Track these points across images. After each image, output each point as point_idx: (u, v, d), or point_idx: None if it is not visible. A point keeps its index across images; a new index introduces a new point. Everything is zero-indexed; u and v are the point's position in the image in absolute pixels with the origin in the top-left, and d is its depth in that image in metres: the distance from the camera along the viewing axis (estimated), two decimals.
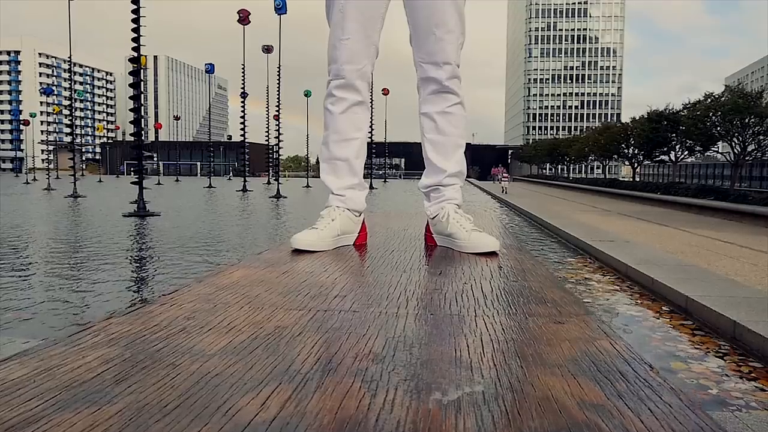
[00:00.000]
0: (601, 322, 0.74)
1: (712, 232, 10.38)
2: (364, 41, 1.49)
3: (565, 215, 12.20)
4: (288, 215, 13.39)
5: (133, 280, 5.24)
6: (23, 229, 9.44)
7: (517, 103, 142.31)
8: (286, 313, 0.73)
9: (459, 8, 1.49)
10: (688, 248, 8.01)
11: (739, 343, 3.42)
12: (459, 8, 1.49)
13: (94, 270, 5.64)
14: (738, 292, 4.31)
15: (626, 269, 5.51)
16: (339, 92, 1.50)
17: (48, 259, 6.45)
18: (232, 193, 24.08)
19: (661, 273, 5.04)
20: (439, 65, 1.49)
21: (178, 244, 7.52)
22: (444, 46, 1.48)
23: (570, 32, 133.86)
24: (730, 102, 16.38)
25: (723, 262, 6.77)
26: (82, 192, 19.80)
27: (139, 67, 11.49)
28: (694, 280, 4.72)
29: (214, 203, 17.31)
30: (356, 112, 1.52)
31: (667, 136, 21.30)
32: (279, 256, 1.23)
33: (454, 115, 1.53)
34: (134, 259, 6.49)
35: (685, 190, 16.56)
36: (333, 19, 1.50)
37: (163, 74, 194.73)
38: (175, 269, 5.61)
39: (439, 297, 0.84)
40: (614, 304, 4.60)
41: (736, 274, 5.95)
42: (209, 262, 5.92)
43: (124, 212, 11.82)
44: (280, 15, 19.07)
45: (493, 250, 1.31)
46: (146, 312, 0.73)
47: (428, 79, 1.52)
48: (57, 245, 7.60)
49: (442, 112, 1.52)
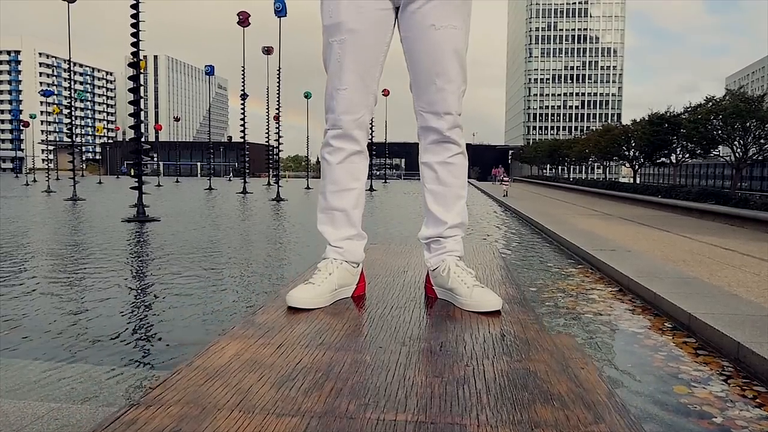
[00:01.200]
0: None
1: (713, 238, 10.34)
2: (362, 91, 1.45)
3: (565, 220, 12.15)
4: (288, 220, 13.35)
5: (126, 303, 5.20)
6: (20, 237, 9.41)
7: (518, 103, 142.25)
8: (279, 422, 0.69)
9: (461, 57, 1.45)
10: (689, 256, 7.98)
11: (743, 364, 3.38)
12: (461, 57, 1.45)
13: (89, 290, 5.61)
14: (742, 308, 4.26)
15: (628, 282, 5.47)
16: (336, 142, 1.46)
17: (42, 272, 6.41)
18: (232, 195, 24.04)
19: (663, 287, 5.00)
20: (440, 115, 1.45)
21: (176, 254, 7.49)
22: (445, 96, 1.44)
23: (570, 32, 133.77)
24: (731, 106, 16.34)
25: (725, 271, 6.74)
26: (81, 195, 19.77)
27: (138, 73, 11.44)
28: (696, 295, 4.68)
29: (213, 207, 17.27)
30: (354, 162, 1.48)
31: (667, 139, 21.25)
32: (274, 318, 1.18)
33: (456, 165, 1.49)
34: (130, 274, 6.46)
35: (686, 194, 16.52)
36: (330, 68, 1.46)
37: (164, 74, 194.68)
38: (172, 289, 5.58)
39: (440, 389, 0.80)
40: (616, 320, 4.56)
41: (739, 285, 5.91)
42: (210, 288, 5.90)
43: (123, 217, 11.79)
44: (280, 18, 19.02)
45: (495, 309, 1.27)
46: (129, 421, 0.69)
47: (429, 129, 1.48)
48: (52, 258, 7.57)
49: (443, 163, 1.48)
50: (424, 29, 1.42)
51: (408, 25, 1.45)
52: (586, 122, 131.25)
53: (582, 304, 4.98)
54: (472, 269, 1.40)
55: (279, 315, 1.21)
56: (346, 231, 1.46)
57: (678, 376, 3.29)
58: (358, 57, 1.43)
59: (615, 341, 4.10)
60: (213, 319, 4.29)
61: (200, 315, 4.43)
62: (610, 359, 3.65)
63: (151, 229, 10.26)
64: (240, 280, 5.82)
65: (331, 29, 1.44)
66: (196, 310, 4.55)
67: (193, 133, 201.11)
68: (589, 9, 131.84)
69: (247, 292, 5.29)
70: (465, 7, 1.45)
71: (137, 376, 3.11)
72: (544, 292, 5.48)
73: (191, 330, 4.04)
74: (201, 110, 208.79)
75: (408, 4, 1.43)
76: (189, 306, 4.66)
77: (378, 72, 1.48)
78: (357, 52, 1.43)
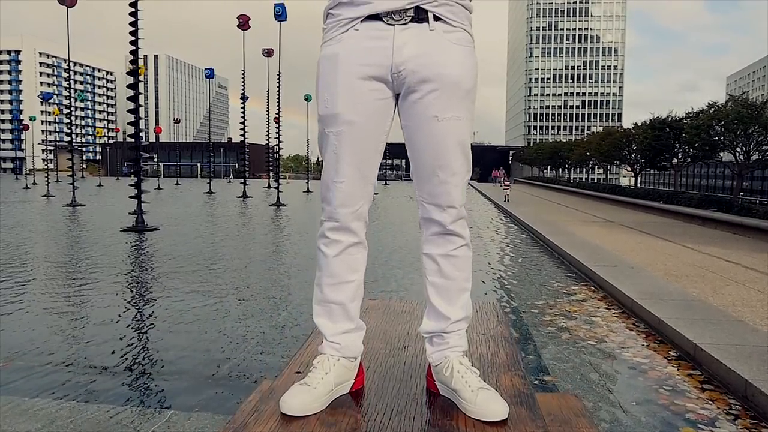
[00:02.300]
0: None
1: (715, 249, 10.28)
2: (361, 182, 1.38)
3: (566, 230, 12.08)
4: (289, 228, 13.30)
5: (112, 337, 5.14)
6: (16, 248, 9.36)
7: (518, 103, 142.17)
8: None
9: (465, 148, 1.37)
10: (692, 270, 7.92)
11: (750, 403, 3.31)
12: (465, 148, 1.37)
13: (82, 318, 5.55)
14: (748, 338, 4.19)
15: (632, 304, 5.40)
16: (333, 235, 1.39)
17: (36, 289, 6.36)
18: (232, 200, 23.97)
19: (667, 310, 4.93)
20: (443, 208, 1.38)
21: (173, 273, 7.43)
22: (448, 189, 1.36)
23: (571, 32, 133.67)
24: (733, 112, 16.27)
25: (729, 288, 6.68)
26: (81, 200, 19.72)
27: (137, 81, 11.37)
28: (701, 322, 4.61)
29: (213, 216, 17.22)
30: (352, 254, 1.41)
31: (669, 144, 21.18)
32: (267, 430, 1.11)
33: (459, 258, 1.41)
34: (123, 299, 6.41)
35: (688, 200, 16.44)
36: (326, 158, 1.38)
37: (164, 73, 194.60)
38: (168, 320, 5.53)
39: None
40: (620, 348, 4.48)
41: (743, 304, 5.85)
42: (208, 320, 5.83)
43: (122, 226, 11.72)
44: (280, 22, 18.95)
45: (501, 419, 1.19)
46: None
47: (431, 221, 1.40)
48: (47, 272, 7.52)
49: (446, 255, 1.40)
50: (425, 120, 1.35)
51: (409, 114, 1.37)
52: (586, 122, 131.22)
53: (584, 329, 4.91)
54: (476, 368, 1.33)
55: (272, 426, 1.13)
56: (344, 325, 1.39)
57: (684, 416, 3.22)
58: (355, 149, 1.35)
59: (619, 372, 4.02)
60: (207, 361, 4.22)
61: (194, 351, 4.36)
62: (613, 394, 3.58)
63: (149, 240, 10.19)
64: (242, 310, 5.75)
65: (326, 119, 1.37)
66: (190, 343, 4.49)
67: (193, 132, 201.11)
68: (590, 8, 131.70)
69: (249, 325, 5.22)
70: (469, 97, 1.37)
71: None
72: (546, 314, 5.40)
73: (185, 379, 3.97)
74: (201, 110, 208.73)
75: (409, 94, 1.35)
76: (185, 336, 4.60)
77: (377, 160, 1.41)
78: (355, 144, 1.35)
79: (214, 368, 3.80)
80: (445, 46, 1.33)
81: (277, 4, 18.64)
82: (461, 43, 1.36)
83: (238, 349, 4.18)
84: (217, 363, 3.90)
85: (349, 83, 1.33)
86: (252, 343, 4.34)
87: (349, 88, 1.33)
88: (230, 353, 4.09)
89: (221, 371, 3.75)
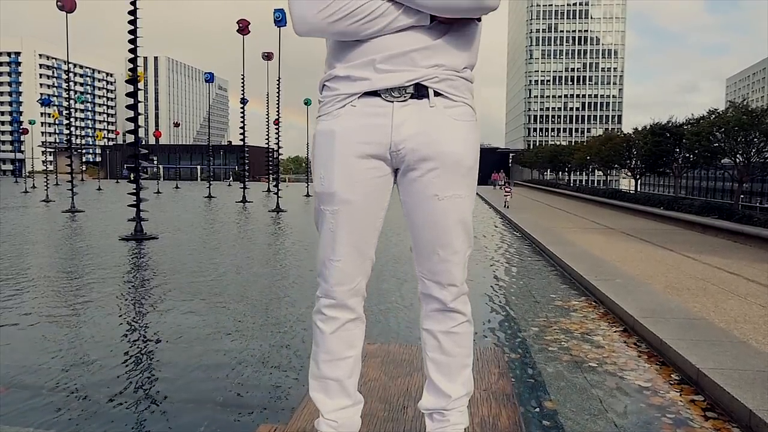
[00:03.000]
0: None
1: (717, 259, 10.25)
2: (358, 260, 1.33)
3: (567, 239, 12.04)
4: (289, 236, 13.26)
5: (103, 364, 5.09)
6: (12, 259, 9.33)
7: (518, 105, 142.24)
8: None
9: (466, 225, 1.33)
10: (694, 283, 7.89)
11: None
12: (466, 225, 1.33)
13: (78, 338, 5.51)
14: (751, 362, 4.14)
15: (633, 322, 5.35)
16: (330, 312, 1.34)
17: (31, 307, 6.32)
18: (231, 205, 23.93)
19: (669, 330, 4.88)
20: (444, 286, 1.33)
21: (171, 289, 7.39)
22: (449, 268, 1.32)
23: (571, 33, 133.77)
24: (734, 119, 16.23)
25: (731, 303, 6.65)
26: (80, 205, 19.67)
27: (136, 90, 11.33)
28: (703, 343, 4.56)
29: (213, 221, 17.19)
30: (349, 329, 1.36)
31: (670, 150, 21.14)
32: None
33: (460, 334, 1.36)
34: (122, 315, 6.37)
35: (688, 207, 16.40)
36: (322, 235, 1.34)
37: (164, 75, 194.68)
38: (165, 343, 5.48)
39: None
40: (621, 370, 4.43)
41: (746, 321, 5.82)
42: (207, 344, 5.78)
43: (121, 235, 11.68)
44: (279, 28, 18.92)
45: None
46: None
47: (431, 297, 1.36)
48: (43, 287, 7.48)
49: (446, 332, 1.36)
50: (425, 199, 1.30)
51: (408, 191, 1.33)
52: (586, 124, 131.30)
53: (586, 350, 4.86)
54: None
55: None
56: (341, 401, 1.34)
57: None
58: (353, 228, 1.31)
59: (621, 397, 3.98)
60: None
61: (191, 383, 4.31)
62: (616, 422, 3.53)
63: (148, 250, 10.15)
64: (241, 328, 5.70)
65: (323, 197, 1.33)
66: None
67: (193, 134, 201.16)
68: (590, 10, 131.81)
69: (249, 346, 5.18)
70: (471, 174, 1.33)
71: None
72: (547, 332, 5.36)
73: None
74: (201, 111, 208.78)
75: (408, 171, 1.31)
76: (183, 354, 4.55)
77: (375, 237, 1.37)
78: (352, 223, 1.31)
79: (213, 392, 3.75)
80: (446, 123, 1.29)
81: (276, 10, 18.61)
82: (463, 119, 1.32)
83: (236, 371, 4.13)
84: (217, 387, 3.85)
85: (346, 162, 1.28)
86: (252, 361, 4.29)
87: (346, 167, 1.28)
88: (230, 375, 4.04)
89: (220, 395, 3.70)
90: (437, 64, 1.26)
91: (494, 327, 5.62)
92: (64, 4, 17.34)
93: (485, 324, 5.61)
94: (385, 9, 1.23)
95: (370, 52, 1.24)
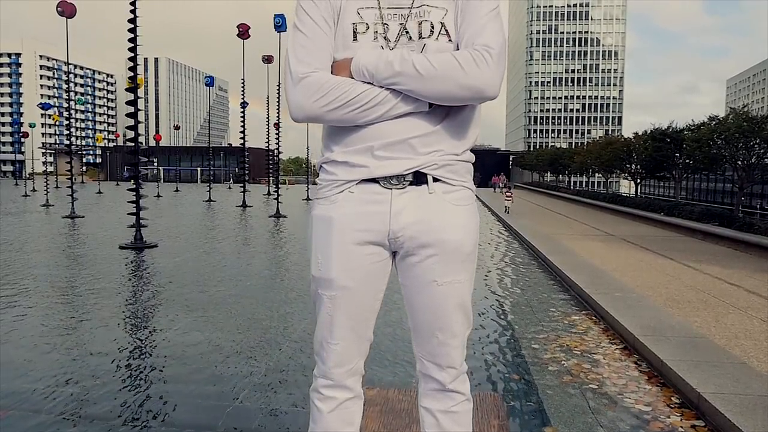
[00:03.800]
0: None
1: (717, 269, 10.25)
2: (356, 342, 1.31)
3: (567, 247, 12.02)
4: (289, 245, 13.26)
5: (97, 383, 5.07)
6: (7, 268, 9.32)
7: (519, 106, 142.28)
8: None
9: (465, 308, 1.31)
10: (694, 295, 7.89)
11: None
12: (465, 308, 1.31)
13: (77, 357, 5.48)
14: (753, 385, 4.12)
15: (633, 340, 5.33)
16: (328, 392, 1.33)
17: (29, 321, 6.30)
18: (231, 210, 23.92)
19: (670, 350, 4.86)
20: (443, 368, 1.31)
21: (172, 297, 7.38)
22: (448, 351, 1.30)
23: (571, 35, 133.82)
24: (734, 125, 16.23)
25: (731, 317, 6.64)
26: (80, 209, 19.67)
27: (136, 98, 11.32)
28: (704, 365, 4.54)
29: (213, 228, 17.19)
30: (347, 407, 1.34)
31: (670, 155, 21.14)
32: None
33: (460, 413, 1.34)
34: (122, 330, 6.35)
35: (689, 213, 16.38)
36: (320, 317, 1.32)
37: (164, 76, 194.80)
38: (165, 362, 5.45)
39: None
40: (621, 391, 4.41)
41: (746, 336, 5.81)
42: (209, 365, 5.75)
43: (120, 243, 11.67)
44: (279, 33, 18.91)
45: None
46: None
47: (430, 377, 1.34)
48: (41, 299, 7.47)
49: (445, 411, 1.34)
50: (425, 284, 1.28)
51: (407, 275, 1.31)
52: (587, 125, 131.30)
53: (586, 369, 4.84)
54: None
55: None
56: None
57: None
58: (350, 312, 1.29)
59: (622, 422, 3.96)
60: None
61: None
62: None
63: (147, 260, 10.14)
64: (241, 347, 5.68)
65: (320, 282, 1.31)
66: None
67: (193, 135, 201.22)
68: (590, 11, 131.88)
69: (249, 365, 5.16)
70: (470, 258, 1.31)
71: None
72: (546, 350, 5.34)
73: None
74: (201, 112, 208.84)
75: (407, 256, 1.29)
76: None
77: (373, 319, 1.35)
78: (350, 307, 1.29)
79: (213, 418, 3.73)
80: (446, 209, 1.27)
81: (277, 15, 18.59)
82: (462, 203, 1.30)
83: (237, 389, 4.11)
84: (216, 415, 3.83)
85: (344, 249, 1.27)
86: (251, 384, 4.27)
87: (344, 254, 1.27)
88: (230, 399, 4.01)
89: (220, 421, 3.68)
90: (437, 150, 1.25)
91: (493, 345, 5.59)
92: (64, 10, 17.34)
93: (484, 342, 5.59)
94: (383, 97, 1.22)
95: (368, 139, 1.23)
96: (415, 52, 1.25)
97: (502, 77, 1.25)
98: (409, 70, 1.21)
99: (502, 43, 1.29)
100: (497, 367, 4.88)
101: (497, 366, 4.90)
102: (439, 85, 1.21)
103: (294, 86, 1.28)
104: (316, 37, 1.30)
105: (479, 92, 1.24)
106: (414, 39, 1.30)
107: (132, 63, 11.24)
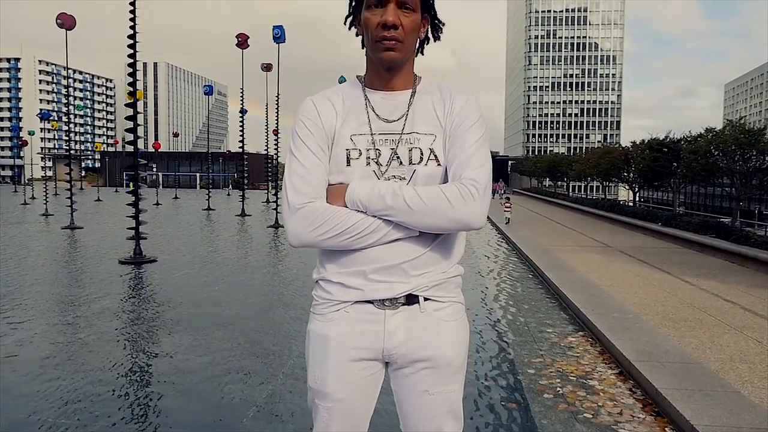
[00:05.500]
0: None
1: (714, 284, 10.31)
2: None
3: (564, 262, 12.08)
4: (288, 259, 13.30)
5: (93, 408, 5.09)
6: (5, 286, 9.35)
7: (517, 111, 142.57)
8: None
9: (456, 413, 1.38)
10: (690, 313, 7.95)
11: None
12: (456, 413, 1.38)
13: (74, 387, 5.50)
14: (746, 417, 4.18)
15: (629, 366, 5.39)
16: None
17: (26, 345, 6.34)
18: (230, 220, 23.96)
19: (665, 378, 4.91)
20: None
21: (172, 319, 7.42)
22: None
23: (570, 40, 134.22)
24: (731, 138, 16.34)
25: (726, 337, 6.71)
26: (79, 220, 19.70)
27: (135, 113, 11.38)
28: (698, 394, 4.60)
29: (212, 239, 17.25)
30: None
31: (667, 166, 21.25)
32: None
33: None
34: (120, 355, 6.38)
35: (686, 224, 16.45)
36: (317, 424, 1.40)
37: (163, 80, 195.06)
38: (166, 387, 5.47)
39: None
40: (616, 421, 4.46)
41: (741, 359, 5.88)
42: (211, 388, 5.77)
43: (119, 257, 11.71)
44: (279, 44, 18.99)
45: None
46: None
47: None
48: (40, 320, 7.50)
49: None
50: (417, 394, 1.36)
51: (400, 383, 1.38)
52: (585, 130, 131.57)
53: (581, 397, 4.89)
54: None
55: None
56: None
57: None
58: (346, 422, 1.38)
59: None
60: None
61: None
62: None
63: (146, 276, 10.19)
64: (243, 379, 5.72)
65: (317, 393, 1.38)
66: None
67: (192, 140, 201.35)
68: (589, 17, 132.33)
69: (250, 391, 5.19)
70: (461, 369, 1.38)
71: None
72: (542, 376, 5.38)
73: None
74: (201, 117, 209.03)
75: (400, 368, 1.37)
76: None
77: (366, 423, 1.43)
78: (345, 417, 1.37)
79: None
80: (437, 326, 1.35)
81: (275, 27, 18.68)
82: (452, 318, 1.38)
83: (239, 414, 4.15)
84: None
85: (340, 365, 1.34)
86: (255, 409, 4.31)
87: (340, 370, 1.34)
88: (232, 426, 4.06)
89: None
90: (427, 271, 1.32)
91: (490, 369, 5.63)
92: (64, 22, 17.43)
93: (480, 368, 5.63)
94: (376, 226, 1.29)
95: (361, 262, 1.30)
96: (405, 185, 1.33)
97: (487, 208, 1.35)
98: (400, 205, 1.28)
99: (487, 177, 1.43)
100: (491, 393, 4.92)
101: (492, 392, 4.94)
102: (428, 218, 1.29)
103: (291, 215, 1.36)
104: (311, 166, 1.38)
105: (466, 225, 1.33)
106: (404, 164, 1.39)
107: (131, 69, 11.30)
